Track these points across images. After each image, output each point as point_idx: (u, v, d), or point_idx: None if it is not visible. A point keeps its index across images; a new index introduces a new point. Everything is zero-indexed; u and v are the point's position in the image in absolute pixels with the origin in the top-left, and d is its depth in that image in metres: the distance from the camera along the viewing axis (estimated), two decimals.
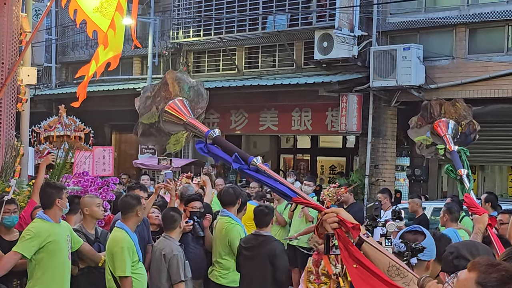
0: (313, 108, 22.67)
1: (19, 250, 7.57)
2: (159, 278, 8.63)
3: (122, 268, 7.93)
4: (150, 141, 6.40)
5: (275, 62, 24.05)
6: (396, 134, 21.19)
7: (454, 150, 7.86)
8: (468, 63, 19.21)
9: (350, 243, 3.91)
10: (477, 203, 7.05)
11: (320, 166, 26.30)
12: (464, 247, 4.41)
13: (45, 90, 30.06)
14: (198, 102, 6.01)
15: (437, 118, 8.30)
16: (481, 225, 6.25)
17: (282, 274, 9.06)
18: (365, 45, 20.59)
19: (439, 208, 14.30)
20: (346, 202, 14.13)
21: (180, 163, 22.57)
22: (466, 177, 7.50)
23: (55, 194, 7.82)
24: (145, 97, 6.05)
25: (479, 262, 3.07)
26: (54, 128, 18.64)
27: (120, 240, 8.02)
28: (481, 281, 2.99)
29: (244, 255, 9.12)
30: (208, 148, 5.10)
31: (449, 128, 8.19)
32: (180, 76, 6.05)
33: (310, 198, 4.76)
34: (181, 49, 26.17)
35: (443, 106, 8.41)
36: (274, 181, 4.64)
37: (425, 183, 21.43)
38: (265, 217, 9.10)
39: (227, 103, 23.72)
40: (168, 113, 5.68)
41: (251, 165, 4.73)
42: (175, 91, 5.85)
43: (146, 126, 5.96)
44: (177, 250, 8.61)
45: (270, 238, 9.10)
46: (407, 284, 3.73)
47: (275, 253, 8.87)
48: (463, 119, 8.46)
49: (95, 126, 20.79)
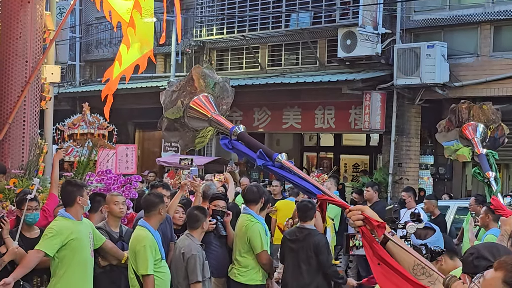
0: (336, 106, 22.61)
1: (41, 248, 7.60)
2: (177, 276, 8.67)
3: (145, 267, 7.94)
4: (174, 136, 6.37)
5: (298, 60, 24.01)
6: (420, 132, 21.09)
7: (482, 153, 7.80)
8: (492, 61, 19.07)
9: (374, 241, 3.89)
10: (504, 206, 6.99)
11: (343, 164, 26.22)
12: (484, 248, 4.38)
13: (69, 88, 30.17)
14: (223, 98, 5.99)
15: (465, 121, 8.24)
16: (507, 227, 6.17)
17: (327, 267, 9.45)
18: (389, 42, 20.50)
19: (463, 207, 14.24)
20: (370, 200, 14.06)
21: (203, 161, 22.57)
22: (494, 180, 7.45)
23: (76, 192, 7.85)
24: (170, 91, 6.03)
25: (506, 261, 3.04)
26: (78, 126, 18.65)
27: (142, 239, 8.03)
28: (508, 280, 2.96)
29: (289, 247, 9.66)
30: (232, 144, 5.10)
31: (478, 132, 8.14)
32: (206, 72, 6.03)
33: (335, 195, 4.73)
34: (204, 47, 26.19)
35: (471, 109, 8.34)
36: (298, 178, 4.62)
37: (449, 181, 21.31)
38: (309, 211, 9.56)
39: (250, 101, 23.68)
40: (193, 108, 5.66)
41: (276, 161, 4.73)
42: (201, 87, 5.83)
43: (171, 121, 5.94)
44: (196, 250, 8.62)
45: (314, 231, 9.61)
46: (433, 283, 3.70)
47: (318, 246, 9.38)
48: (491, 122, 8.40)
49: (118, 124, 20.78)
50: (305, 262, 9.46)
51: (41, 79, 10.57)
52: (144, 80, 27.80)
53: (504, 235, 6.15)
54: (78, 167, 10.83)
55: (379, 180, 20.10)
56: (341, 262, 14.35)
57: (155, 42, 28.39)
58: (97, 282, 8.22)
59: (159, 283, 8.11)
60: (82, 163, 10.80)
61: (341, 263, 14.35)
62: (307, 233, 9.53)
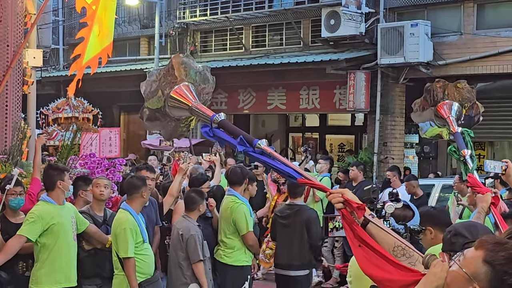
0: (321, 86, 22.60)
1: (23, 234, 7.61)
2: (177, 257, 8.77)
3: (125, 249, 7.96)
4: (156, 126, 6.39)
5: (282, 41, 23.99)
6: (404, 111, 21.10)
7: (457, 131, 7.84)
8: (476, 39, 19.09)
9: (355, 223, 3.90)
10: (480, 183, 7.02)
11: (329, 144, 26.24)
12: (462, 226, 4.43)
13: (52, 72, 30.01)
14: (204, 87, 6.00)
15: (440, 100, 8.26)
16: (484, 204, 6.21)
17: (317, 239, 9.83)
18: (373, 22, 20.48)
19: (448, 185, 14.25)
20: (355, 179, 14.08)
21: (188, 143, 22.52)
22: (469, 157, 7.49)
23: (57, 176, 7.85)
24: (151, 81, 6.03)
25: (487, 240, 3.05)
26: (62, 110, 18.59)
27: (123, 221, 8.05)
28: (488, 259, 2.96)
29: (281, 223, 9.98)
30: (213, 132, 5.12)
31: (453, 110, 8.16)
32: (186, 61, 6.03)
33: (315, 179, 4.78)
34: (188, 29, 26.12)
35: (446, 88, 8.36)
36: (279, 163, 4.65)
37: (434, 160, 21.39)
38: (298, 188, 9.90)
39: (234, 82, 23.68)
40: (174, 98, 5.67)
41: (256, 147, 4.75)
42: (181, 76, 5.84)
43: (152, 111, 5.95)
44: (195, 230, 8.79)
45: (304, 207, 10.13)
46: (413, 264, 3.71)
47: (310, 220, 9.76)
48: (466, 101, 8.42)
49: (103, 107, 20.71)
50: (296, 236, 9.75)
51: (23, 63, 10.50)
52: (128, 63, 27.73)
53: (480, 212, 6.19)
54: (61, 151, 10.79)
55: (364, 160, 20.14)
56: (327, 242, 14.39)
57: (139, 24, 28.43)
58: (82, 266, 8.25)
59: (141, 265, 8.13)
60: (66, 147, 10.76)
61: (327, 243, 14.40)
62: (298, 209, 9.86)
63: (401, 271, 3.53)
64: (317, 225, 9.85)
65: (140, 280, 8.12)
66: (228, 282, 9.55)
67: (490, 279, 2.95)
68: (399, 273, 3.52)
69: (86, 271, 8.32)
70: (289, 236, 9.83)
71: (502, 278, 2.93)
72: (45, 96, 21.28)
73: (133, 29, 28.89)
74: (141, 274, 8.15)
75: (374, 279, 3.71)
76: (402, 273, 3.52)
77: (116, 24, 28.96)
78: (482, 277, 2.97)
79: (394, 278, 3.52)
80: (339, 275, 14.43)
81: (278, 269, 10.05)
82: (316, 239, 9.79)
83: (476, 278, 2.98)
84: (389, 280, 3.54)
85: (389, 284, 3.54)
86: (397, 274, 3.53)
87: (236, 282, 9.54)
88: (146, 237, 8.27)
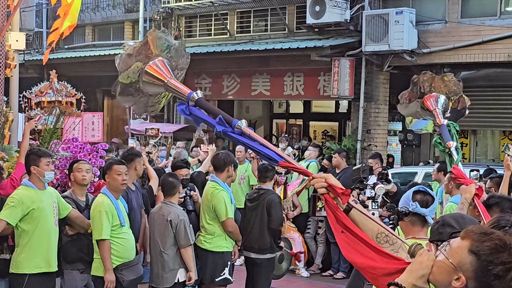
0: (305, 72, 22.59)
1: (3, 218, 7.58)
2: (163, 244, 8.75)
3: (99, 231, 7.98)
4: (128, 101, 6.27)
5: (267, 27, 23.95)
6: (388, 99, 21.14)
7: (443, 123, 7.87)
8: (460, 27, 19.11)
9: (338, 209, 3.87)
10: (465, 174, 7.07)
11: (312, 131, 26.28)
12: (450, 217, 4.43)
13: (36, 55, 29.84)
14: (179, 62, 5.86)
15: (427, 93, 8.27)
16: (468, 195, 6.24)
17: (276, 223, 10.12)
18: (358, 9, 20.46)
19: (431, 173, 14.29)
20: (338, 166, 14.07)
21: (171, 129, 22.51)
22: (454, 149, 7.54)
23: (31, 162, 7.83)
24: (125, 54, 5.89)
25: (473, 230, 3.04)
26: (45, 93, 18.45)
27: (98, 204, 8.08)
28: (474, 250, 2.96)
29: (248, 206, 10.41)
30: (190, 110, 4.97)
31: (439, 103, 8.17)
32: (162, 35, 5.90)
33: (296, 163, 4.72)
34: (173, 13, 26.02)
35: (433, 81, 8.37)
36: (259, 145, 4.57)
37: (418, 147, 21.46)
38: (268, 173, 10.28)
39: (219, 68, 23.65)
40: (148, 73, 5.49)
41: (236, 128, 4.65)
42: (156, 51, 5.72)
43: (125, 86, 5.80)
44: (183, 215, 8.87)
45: (270, 191, 10.33)
46: (396, 251, 3.71)
47: (271, 203, 10.04)
48: (453, 94, 8.44)
49: (87, 91, 20.63)
50: (257, 219, 10.10)
51: (6, 46, 10.43)
52: (112, 47, 27.60)
53: (464, 203, 6.22)
54: (44, 135, 10.73)
55: (347, 147, 20.15)
56: (310, 229, 14.43)
57: (123, 8, 28.29)
58: (65, 250, 8.25)
59: (119, 249, 8.12)
60: (48, 132, 10.70)
61: (310, 229, 14.43)
62: (263, 192, 10.21)
63: (384, 259, 3.52)
64: (278, 209, 10.16)
65: (117, 264, 8.11)
66: (208, 268, 9.58)
67: (475, 269, 2.96)
68: (383, 261, 3.51)
69: (69, 256, 8.31)
70: (252, 218, 10.22)
71: (487, 268, 2.93)
72: (28, 80, 21.22)
73: (117, 13, 28.75)
74: (118, 258, 8.14)
75: (357, 266, 3.71)
76: (385, 260, 3.51)
77: (100, 8, 28.92)
78: (467, 267, 2.98)
79: (378, 265, 3.51)
80: (321, 262, 14.47)
81: (244, 251, 10.35)
82: (276, 223, 10.10)
83: (462, 268, 2.99)
84: (373, 268, 3.53)
85: (372, 271, 3.53)
86: (380, 261, 3.52)
87: (216, 268, 9.57)
88: (124, 220, 8.23)
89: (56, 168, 8.96)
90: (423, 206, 5.34)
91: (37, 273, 7.78)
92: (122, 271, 8.17)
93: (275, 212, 10.06)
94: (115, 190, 8.25)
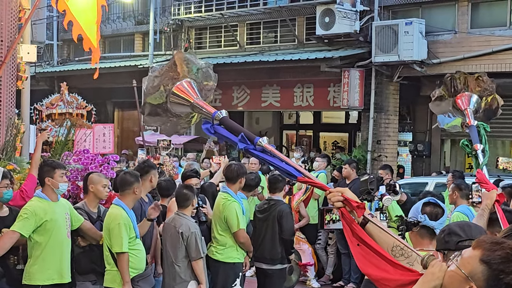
0: (315, 84, 22.62)
1: (17, 229, 7.57)
2: (175, 255, 8.74)
3: (119, 244, 7.95)
4: (156, 122, 6.39)
5: (276, 38, 24.00)
6: (398, 109, 21.16)
7: (473, 124, 7.74)
8: (470, 38, 19.12)
9: (354, 222, 3.91)
10: (488, 179, 6.98)
11: (323, 142, 26.29)
12: (456, 225, 4.41)
13: (46, 67, 29.97)
14: (206, 84, 6.01)
15: (460, 91, 8.15)
16: (488, 201, 6.18)
17: (288, 233, 10.15)
18: (367, 20, 20.51)
19: (441, 183, 14.28)
20: (348, 177, 14.07)
21: (182, 140, 22.55)
22: (481, 152, 7.42)
23: (46, 173, 7.84)
24: (153, 76, 6.03)
25: (484, 240, 3.06)
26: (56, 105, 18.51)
27: (117, 217, 8.02)
28: (485, 259, 2.97)
29: (258, 217, 10.39)
30: (214, 129, 5.12)
31: (471, 102, 8.03)
32: (189, 57, 6.04)
33: (315, 178, 4.79)
34: (183, 25, 26.11)
35: (466, 79, 8.25)
36: (279, 161, 4.66)
37: (428, 158, 21.43)
38: (278, 184, 10.35)
39: (229, 79, 23.68)
40: (176, 94, 5.68)
41: (257, 145, 4.75)
42: (183, 72, 5.84)
43: (153, 107, 5.95)
44: (194, 227, 8.80)
45: (280, 201, 10.37)
46: (411, 264, 3.72)
47: (282, 214, 10.07)
48: (486, 94, 8.32)
49: (97, 103, 20.67)
50: (268, 230, 10.13)
51: (17, 58, 10.46)
52: (122, 59, 27.70)
53: (484, 209, 6.16)
54: (55, 147, 10.75)
55: (358, 158, 20.16)
56: (321, 240, 14.40)
57: (133, 20, 28.39)
58: (77, 262, 8.24)
59: (134, 260, 8.13)
60: (60, 143, 10.72)
61: (321, 240, 14.41)
62: (273, 203, 10.26)
63: (399, 271, 3.54)
64: (289, 219, 10.20)
65: (133, 275, 8.12)
66: (219, 278, 9.58)
67: (487, 278, 2.97)
68: (397, 273, 3.53)
69: (81, 267, 8.30)
70: (262, 229, 10.25)
71: (498, 277, 2.94)
72: (39, 92, 21.25)
73: (128, 25, 28.85)
74: (134, 269, 8.15)
75: (372, 278, 3.72)
76: (400, 272, 3.52)
77: (111, 20, 29.02)
78: (478, 276, 2.99)
79: (392, 277, 3.52)
80: (331, 273, 14.44)
81: (255, 262, 10.37)
82: (287, 233, 10.12)
83: (473, 278, 2.99)
84: (387, 280, 3.54)
85: (387, 283, 3.55)
86: (395, 273, 3.54)
87: (227, 279, 9.57)
88: (138, 232, 8.26)
89: (68, 180, 8.98)
90: (432, 218, 5.30)
91: (50, 285, 7.79)
92: (138, 282, 8.19)
93: (286, 223, 10.07)
94: (129, 202, 8.27)
